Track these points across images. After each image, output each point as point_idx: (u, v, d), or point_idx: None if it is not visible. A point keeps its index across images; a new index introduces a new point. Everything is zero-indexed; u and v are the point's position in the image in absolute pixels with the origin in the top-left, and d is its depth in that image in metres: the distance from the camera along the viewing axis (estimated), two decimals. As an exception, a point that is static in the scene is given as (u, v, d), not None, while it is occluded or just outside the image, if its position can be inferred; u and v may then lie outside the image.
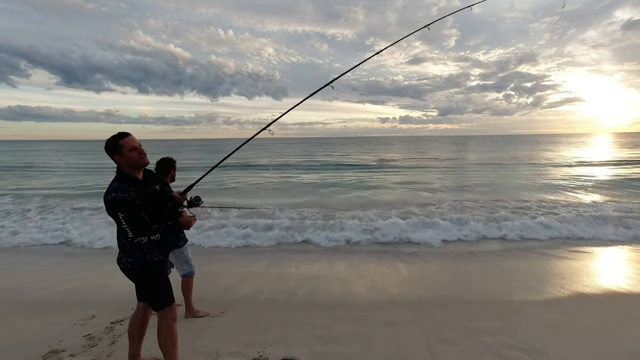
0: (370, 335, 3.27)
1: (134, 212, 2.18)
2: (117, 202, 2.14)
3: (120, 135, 2.27)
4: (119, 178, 2.26)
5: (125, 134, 2.29)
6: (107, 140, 2.28)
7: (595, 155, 29.49)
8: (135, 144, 2.27)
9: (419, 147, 54.97)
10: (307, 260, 5.57)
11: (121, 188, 2.18)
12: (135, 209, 2.19)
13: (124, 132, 2.29)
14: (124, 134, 2.29)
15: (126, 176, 2.28)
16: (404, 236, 6.64)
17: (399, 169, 22.42)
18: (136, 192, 2.24)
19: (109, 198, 2.15)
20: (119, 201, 2.14)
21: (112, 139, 2.27)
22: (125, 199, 2.14)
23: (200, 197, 2.93)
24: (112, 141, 2.26)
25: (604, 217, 7.41)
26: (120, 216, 2.15)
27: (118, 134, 2.28)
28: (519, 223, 7.14)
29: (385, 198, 11.25)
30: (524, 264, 5.32)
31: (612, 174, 17.12)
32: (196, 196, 2.92)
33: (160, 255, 2.44)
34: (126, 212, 2.15)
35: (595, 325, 3.43)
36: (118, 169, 2.30)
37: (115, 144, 2.25)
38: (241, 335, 3.26)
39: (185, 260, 3.58)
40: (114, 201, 2.14)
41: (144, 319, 2.70)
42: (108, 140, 2.28)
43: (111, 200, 2.14)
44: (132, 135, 2.29)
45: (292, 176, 18.55)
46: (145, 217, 2.27)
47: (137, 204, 2.22)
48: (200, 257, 5.26)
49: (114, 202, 2.14)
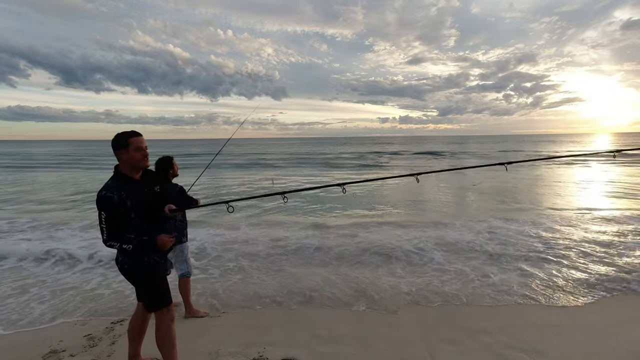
0: (370, 335, 3.28)
1: (117, 214, 2.19)
2: (103, 200, 2.17)
3: (132, 133, 2.32)
4: (114, 177, 2.29)
5: (136, 132, 2.33)
6: (117, 134, 2.31)
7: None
8: (142, 145, 2.32)
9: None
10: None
11: (112, 187, 2.21)
12: (120, 211, 2.19)
13: (135, 131, 2.33)
14: (136, 132, 2.33)
15: (121, 175, 2.30)
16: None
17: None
18: (128, 192, 2.25)
19: (98, 195, 2.19)
20: (105, 199, 2.16)
21: (123, 134, 2.31)
22: (111, 198, 2.17)
23: (199, 199, 3.00)
24: (122, 136, 2.30)
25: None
26: (102, 215, 2.17)
27: (130, 131, 2.33)
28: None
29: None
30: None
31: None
32: (195, 199, 2.98)
33: (157, 257, 2.43)
34: (108, 212, 2.17)
35: (595, 325, 3.43)
36: (115, 167, 2.33)
37: (125, 139, 2.29)
38: (241, 335, 3.27)
39: (184, 260, 3.59)
40: (101, 198, 2.17)
41: (143, 319, 2.70)
42: (119, 134, 2.31)
43: (99, 197, 2.18)
44: (142, 137, 2.34)
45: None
46: (134, 217, 2.26)
47: (127, 204, 2.22)
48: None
49: (100, 199, 2.17)
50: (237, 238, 6.63)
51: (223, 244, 6.26)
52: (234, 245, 6.21)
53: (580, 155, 25.72)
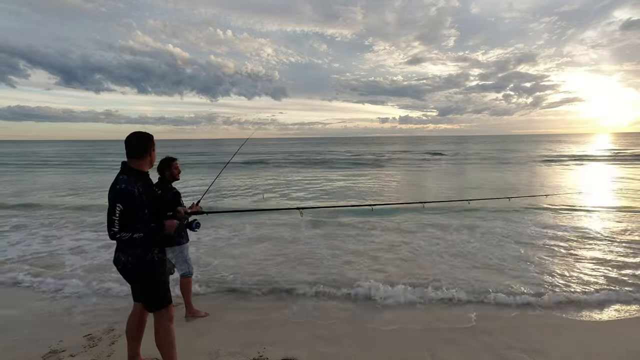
0: (370, 335, 3.27)
1: (134, 207, 2.22)
2: (123, 193, 2.19)
3: (152, 135, 2.41)
4: (127, 172, 2.31)
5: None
6: (144, 133, 2.38)
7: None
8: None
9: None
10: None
11: (130, 181, 2.25)
12: (136, 205, 2.23)
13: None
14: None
15: (136, 170, 2.34)
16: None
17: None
18: (143, 187, 2.31)
19: (117, 188, 2.21)
20: (125, 192, 2.20)
21: (150, 135, 2.39)
22: (132, 192, 2.21)
23: (200, 223, 3.03)
24: (150, 137, 2.39)
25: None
26: (118, 208, 2.18)
27: (150, 134, 2.40)
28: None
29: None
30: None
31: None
32: (197, 222, 2.99)
33: (160, 254, 2.45)
34: (126, 205, 2.20)
35: (595, 326, 3.43)
36: (124, 164, 2.35)
37: (152, 140, 2.41)
38: (241, 335, 3.26)
39: (184, 260, 3.58)
40: (121, 191, 2.20)
41: (141, 318, 2.69)
42: (146, 134, 2.39)
43: (119, 190, 2.20)
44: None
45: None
46: (146, 212, 2.31)
47: (143, 198, 2.27)
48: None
49: (120, 192, 2.20)
50: (236, 236, 6.63)
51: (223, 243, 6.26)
52: (234, 244, 6.21)
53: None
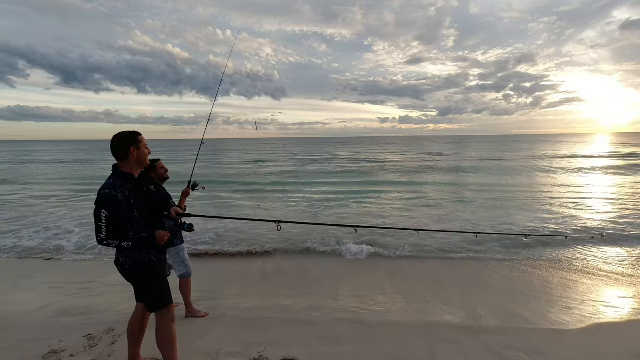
0: (370, 335, 3.27)
1: (118, 213, 2.18)
2: (106, 198, 2.14)
3: (137, 133, 2.34)
4: (114, 175, 2.28)
5: (139, 133, 2.36)
6: (124, 133, 2.31)
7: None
8: (146, 143, 2.37)
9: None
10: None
11: (115, 185, 2.20)
12: (123, 209, 2.19)
13: (138, 132, 2.35)
14: (139, 133, 2.35)
15: (122, 173, 2.29)
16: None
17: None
18: (130, 190, 2.25)
19: (101, 193, 2.17)
20: (108, 198, 2.14)
21: (131, 133, 2.31)
22: (115, 197, 2.15)
23: (193, 224, 2.96)
24: (131, 135, 2.31)
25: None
26: (103, 213, 2.14)
27: (134, 131, 2.34)
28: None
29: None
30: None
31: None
32: (189, 224, 2.94)
33: (158, 255, 2.44)
34: (111, 210, 2.15)
35: (595, 326, 3.43)
36: (115, 167, 2.32)
37: (134, 138, 2.31)
38: (241, 335, 3.26)
39: (182, 261, 3.57)
40: (103, 197, 2.15)
41: (142, 319, 2.69)
42: (126, 133, 2.31)
43: (101, 195, 2.16)
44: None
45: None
46: (136, 215, 2.27)
47: (130, 202, 2.22)
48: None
49: (103, 197, 2.15)
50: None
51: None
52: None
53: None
